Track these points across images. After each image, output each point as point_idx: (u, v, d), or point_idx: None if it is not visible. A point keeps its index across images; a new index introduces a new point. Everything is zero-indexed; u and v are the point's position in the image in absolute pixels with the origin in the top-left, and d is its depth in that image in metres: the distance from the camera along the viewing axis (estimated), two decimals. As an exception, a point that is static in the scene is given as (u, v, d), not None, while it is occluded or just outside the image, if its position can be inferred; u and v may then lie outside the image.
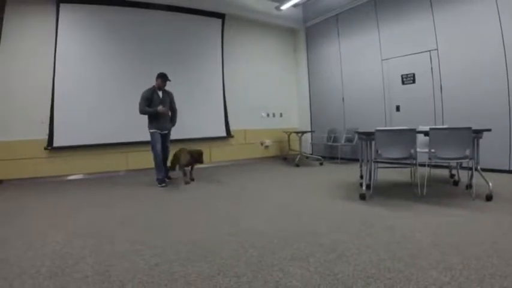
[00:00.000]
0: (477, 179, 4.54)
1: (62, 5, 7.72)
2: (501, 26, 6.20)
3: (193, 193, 5.71)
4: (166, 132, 6.67)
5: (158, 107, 6.33)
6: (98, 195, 5.86)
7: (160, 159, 6.50)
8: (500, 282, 2.13)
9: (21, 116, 7.40)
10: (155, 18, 8.74)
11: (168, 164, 6.89)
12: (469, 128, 4.31)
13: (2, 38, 7.39)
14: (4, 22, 7.41)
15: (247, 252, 2.80)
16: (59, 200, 5.47)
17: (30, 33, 7.58)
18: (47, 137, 7.54)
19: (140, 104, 6.34)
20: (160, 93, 6.54)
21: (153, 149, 6.44)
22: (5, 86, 7.35)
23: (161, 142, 6.51)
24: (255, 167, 8.94)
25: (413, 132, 4.54)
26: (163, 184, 6.43)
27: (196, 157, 6.67)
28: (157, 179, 6.47)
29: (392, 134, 4.69)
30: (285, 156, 10.34)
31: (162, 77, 6.50)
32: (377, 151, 4.74)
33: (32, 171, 7.41)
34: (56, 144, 7.60)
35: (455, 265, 2.40)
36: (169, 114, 6.77)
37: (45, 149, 7.52)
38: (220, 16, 9.73)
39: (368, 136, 4.96)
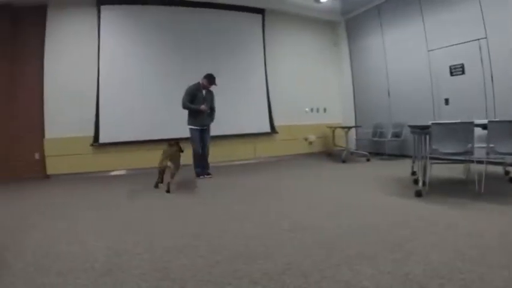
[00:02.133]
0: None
1: (102, 7, 8.00)
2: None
3: (239, 189, 5.75)
4: (205, 128, 6.88)
5: (201, 105, 6.57)
6: (141, 190, 5.97)
7: (199, 153, 6.79)
8: None
9: (68, 114, 7.78)
10: (195, 16, 8.90)
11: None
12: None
13: (46, 41, 7.81)
14: (46, 27, 7.82)
15: (311, 250, 2.77)
16: (107, 195, 5.70)
17: (74, 35, 8.00)
18: (92, 134, 7.86)
19: (184, 98, 6.61)
20: (203, 92, 6.77)
21: (193, 144, 6.75)
22: (53, 86, 7.77)
23: (201, 137, 6.81)
24: (300, 162, 8.90)
25: (470, 125, 4.36)
26: (201, 177, 6.80)
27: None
28: (196, 172, 6.87)
29: (449, 127, 4.51)
30: (330, 152, 10.24)
31: (210, 79, 6.73)
32: (432, 146, 4.57)
33: (78, 166, 7.77)
34: (101, 140, 7.93)
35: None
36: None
37: (91, 145, 7.86)
38: (260, 11, 9.74)
39: (422, 130, 4.78)
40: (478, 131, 4.58)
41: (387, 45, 9.45)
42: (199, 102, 6.63)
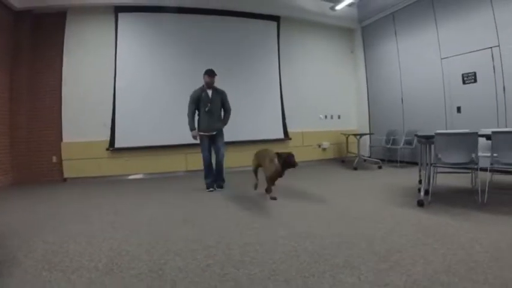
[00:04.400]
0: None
1: (120, 14, 8.22)
2: None
3: (247, 195, 5.78)
4: (214, 133, 6.20)
5: (192, 131, 6.16)
6: (156, 194, 6.18)
7: (208, 163, 6.25)
8: None
9: (85, 118, 8.09)
10: (209, 23, 9.10)
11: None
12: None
13: (64, 47, 8.12)
14: (65, 33, 8.13)
15: (299, 257, 2.84)
16: (120, 199, 5.84)
17: (91, 41, 8.31)
18: (108, 138, 8.10)
19: (188, 106, 6.17)
20: (209, 93, 6.20)
21: (202, 152, 6.24)
22: (71, 91, 8.08)
23: (210, 144, 6.25)
24: (311, 169, 8.89)
25: (475, 136, 4.31)
26: (211, 189, 6.23)
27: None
28: (205, 183, 6.29)
29: (453, 137, 4.48)
30: (343, 159, 10.23)
31: (208, 73, 6.17)
32: (437, 155, 4.56)
33: (94, 170, 8.02)
34: (117, 145, 8.15)
35: (515, 282, 2.26)
36: (221, 113, 6.39)
37: (107, 149, 8.10)
38: (275, 19, 9.86)
39: (427, 140, 4.77)
40: (484, 140, 4.55)
41: (401, 53, 9.43)
42: (204, 104, 6.10)
